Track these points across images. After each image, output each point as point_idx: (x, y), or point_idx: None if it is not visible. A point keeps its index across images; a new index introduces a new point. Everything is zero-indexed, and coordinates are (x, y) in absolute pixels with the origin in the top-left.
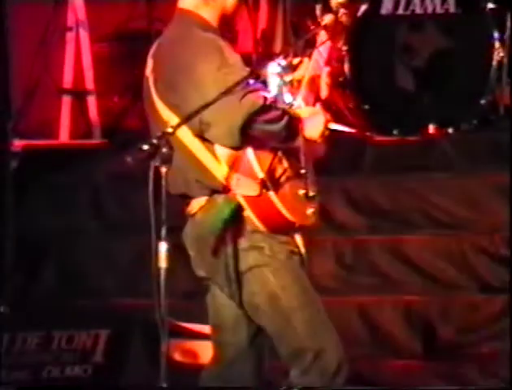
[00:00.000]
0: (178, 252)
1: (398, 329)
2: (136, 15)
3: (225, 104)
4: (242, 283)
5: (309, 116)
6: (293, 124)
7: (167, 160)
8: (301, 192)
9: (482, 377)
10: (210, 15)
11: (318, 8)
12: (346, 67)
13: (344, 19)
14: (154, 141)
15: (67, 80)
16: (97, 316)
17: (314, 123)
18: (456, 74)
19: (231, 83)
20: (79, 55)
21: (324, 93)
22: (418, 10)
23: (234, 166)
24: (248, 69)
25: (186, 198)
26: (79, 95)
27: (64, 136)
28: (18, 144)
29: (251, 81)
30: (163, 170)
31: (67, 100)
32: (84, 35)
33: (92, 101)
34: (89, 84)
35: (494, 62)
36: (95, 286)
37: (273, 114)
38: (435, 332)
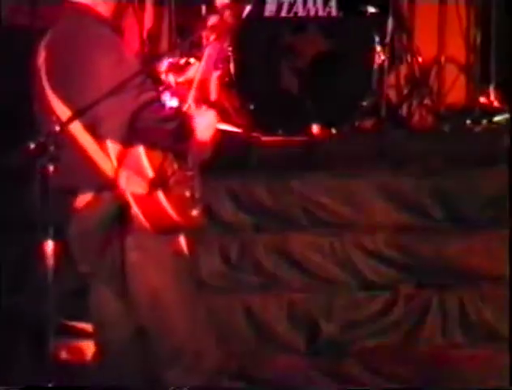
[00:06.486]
0: (63, 249)
1: (282, 326)
2: (19, 11)
3: (119, 100)
4: (126, 280)
5: (200, 117)
6: (186, 124)
7: (55, 158)
8: (188, 193)
9: (364, 373)
10: (106, 9)
11: (203, 9)
12: (232, 67)
13: (229, 20)
14: (42, 140)
15: None
16: None
17: (206, 124)
18: (338, 76)
19: (126, 78)
20: None
21: (214, 95)
22: (301, 13)
23: (124, 163)
24: (142, 66)
25: (72, 194)
26: None
27: None
28: None
29: (147, 81)
30: (50, 168)
31: None
32: None
33: None
34: None
35: (375, 65)
36: None
37: (166, 112)
38: (318, 329)
